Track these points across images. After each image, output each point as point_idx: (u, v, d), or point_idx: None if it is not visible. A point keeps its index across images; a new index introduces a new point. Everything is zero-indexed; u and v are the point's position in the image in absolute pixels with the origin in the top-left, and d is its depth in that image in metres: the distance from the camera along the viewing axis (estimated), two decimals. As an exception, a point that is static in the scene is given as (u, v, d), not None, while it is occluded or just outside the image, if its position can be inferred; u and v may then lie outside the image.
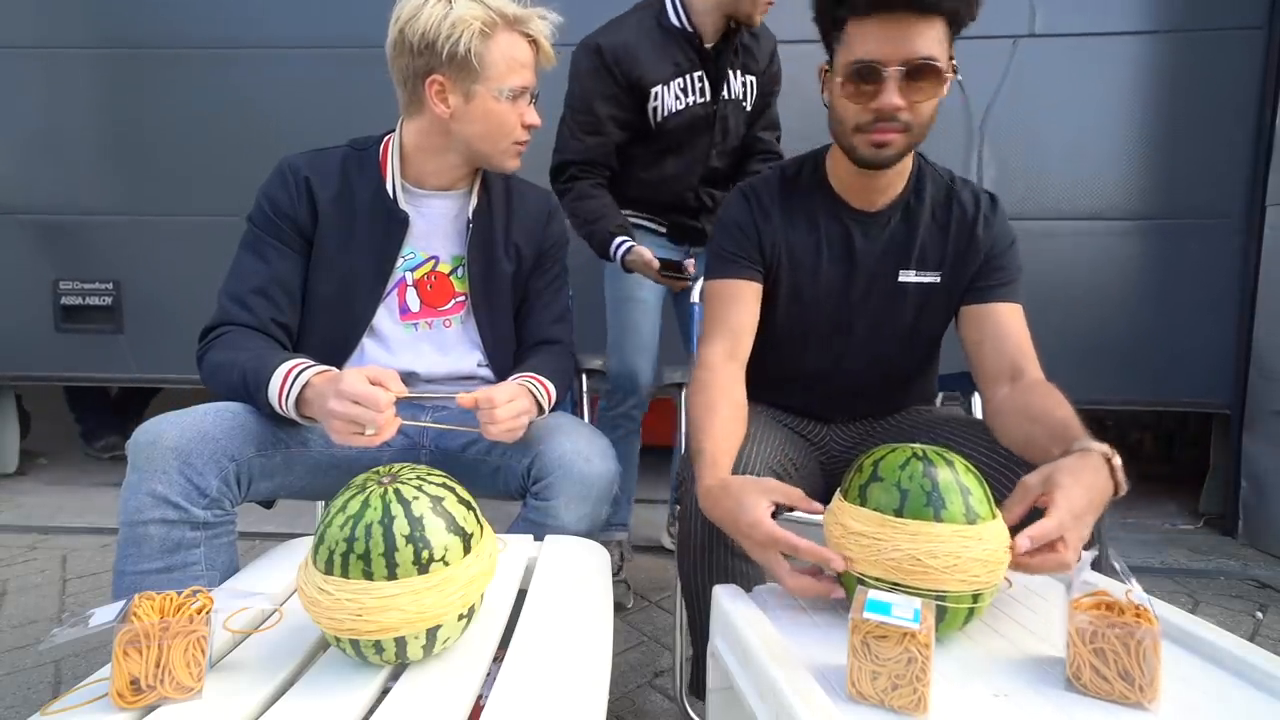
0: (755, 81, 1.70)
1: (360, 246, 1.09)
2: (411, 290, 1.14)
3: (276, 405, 0.95)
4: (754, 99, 1.72)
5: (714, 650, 0.80)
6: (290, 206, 1.07)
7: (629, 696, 1.38)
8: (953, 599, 0.67)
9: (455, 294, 1.16)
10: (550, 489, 1.00)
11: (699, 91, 1.63)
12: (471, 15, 1.00)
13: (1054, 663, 0.66)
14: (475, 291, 1.15)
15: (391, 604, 0.60)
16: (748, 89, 1.70)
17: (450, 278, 1.16)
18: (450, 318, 1.16)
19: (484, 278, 1.15)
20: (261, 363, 0.96)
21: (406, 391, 0.92)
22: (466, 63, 1.02)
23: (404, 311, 1.13)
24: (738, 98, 1.69)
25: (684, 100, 1.62)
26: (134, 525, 0.86)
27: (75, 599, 1.77)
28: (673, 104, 1.61)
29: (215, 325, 1.05)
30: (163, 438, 0.89)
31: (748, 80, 1.69)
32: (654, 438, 2.36)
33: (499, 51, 1.04)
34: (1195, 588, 1.95)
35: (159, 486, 0.86)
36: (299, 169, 1.09)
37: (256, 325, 1.04)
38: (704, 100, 1.64)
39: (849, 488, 0.75)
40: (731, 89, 1.67)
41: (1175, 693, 0.61)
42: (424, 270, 1.14)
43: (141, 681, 0.57)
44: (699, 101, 1.63)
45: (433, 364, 1.14)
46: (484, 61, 1.03)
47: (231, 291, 1.06)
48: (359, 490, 0.64)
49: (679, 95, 1.62)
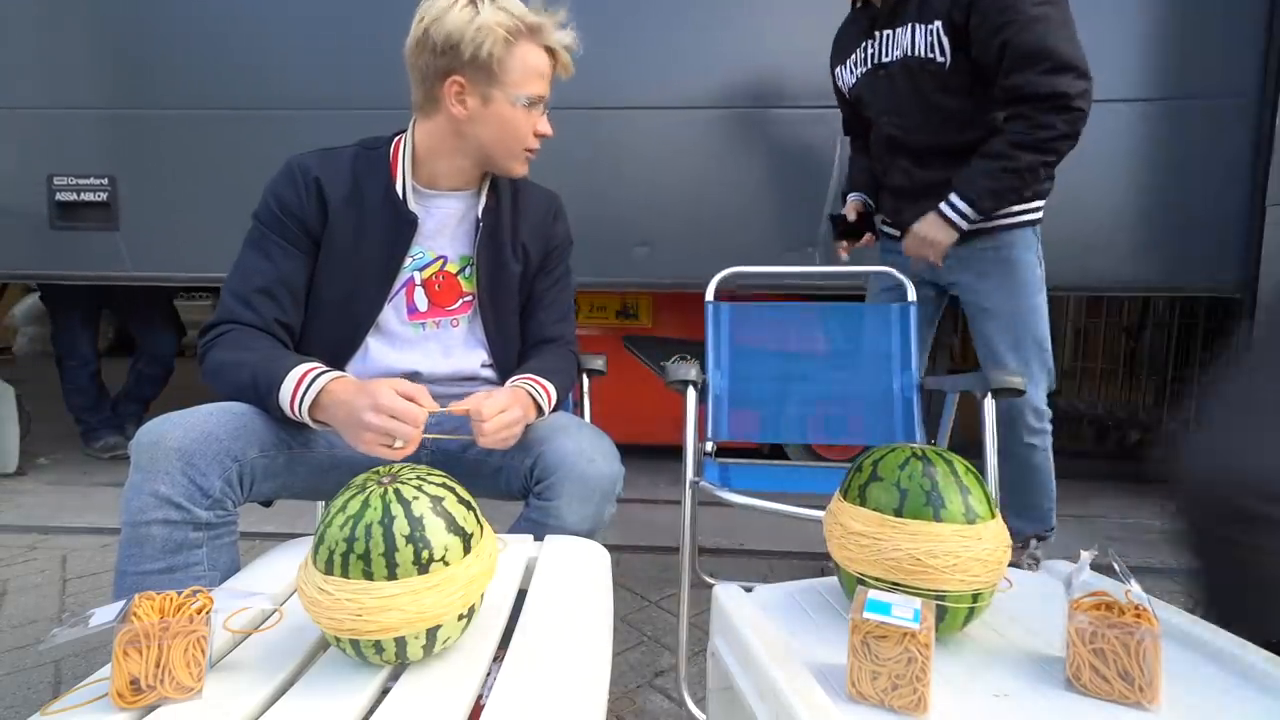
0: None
1: (369, 246, 1.09)
2: (420, 290, 1.14)
3: (288, 409, 0.95)
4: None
5: (714, 650, 0.80)
6: (299, 206, 1.07)
7: (629, 696, 1.38)
8: (953, 599, 0.67)
9: (463, 293, 1.16)
10: (552, 489, 1.00)
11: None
12: (497, 22, 1.02)
13: (1054, 663, 0.66)
14: (483, 291, 1.16)
15: (391, 604, 0.60)
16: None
17: (458, 277, 1.16)
18: (458, 317, 1.16)
19: (492, 278, 1.16)
20: (272, 365, 0.97)
21: (438, 407, 0.94)
22: (488, 67, 1.04)
23: (412, 311, 1.14)
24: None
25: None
26: (136, 525, 0.86)
27: (75, 599, 1.77)
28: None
29: (218, 323, 1.05)
30: (166, 438, 0.89)
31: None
32: (655, 437, 2.36)
33: (520, 59, 1.05)
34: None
35: (162, 487, 0.86)
36: (309, 169, 1.08)
37: (260, 325, 1.04)
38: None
39: (848, 488, 0.75)
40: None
41: (1175, 693, 0.61)
42: (432, 270, 1.14)
43: (141, 681, 0.57)
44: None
45: (437, 364, 1.15)
46: (505, 67, 1.05)
47: (235, 290, 1.06)
48: (359, 490, 0.65)
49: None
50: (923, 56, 1.48)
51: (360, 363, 1.11)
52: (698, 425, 1.43)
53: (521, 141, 1.11)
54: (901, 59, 1.52)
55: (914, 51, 1.49)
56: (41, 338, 5.39)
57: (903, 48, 1.51)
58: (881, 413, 1.64)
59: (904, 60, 1.51)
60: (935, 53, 1.46)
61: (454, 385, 1.16)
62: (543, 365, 1.14)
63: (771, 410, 1.69)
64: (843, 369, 1.69)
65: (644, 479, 1.94)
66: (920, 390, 1.62)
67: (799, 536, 2.14)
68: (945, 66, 1.46)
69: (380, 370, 1.11)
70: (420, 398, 0.91)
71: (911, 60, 1.50)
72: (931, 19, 1.45)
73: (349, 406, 0.91)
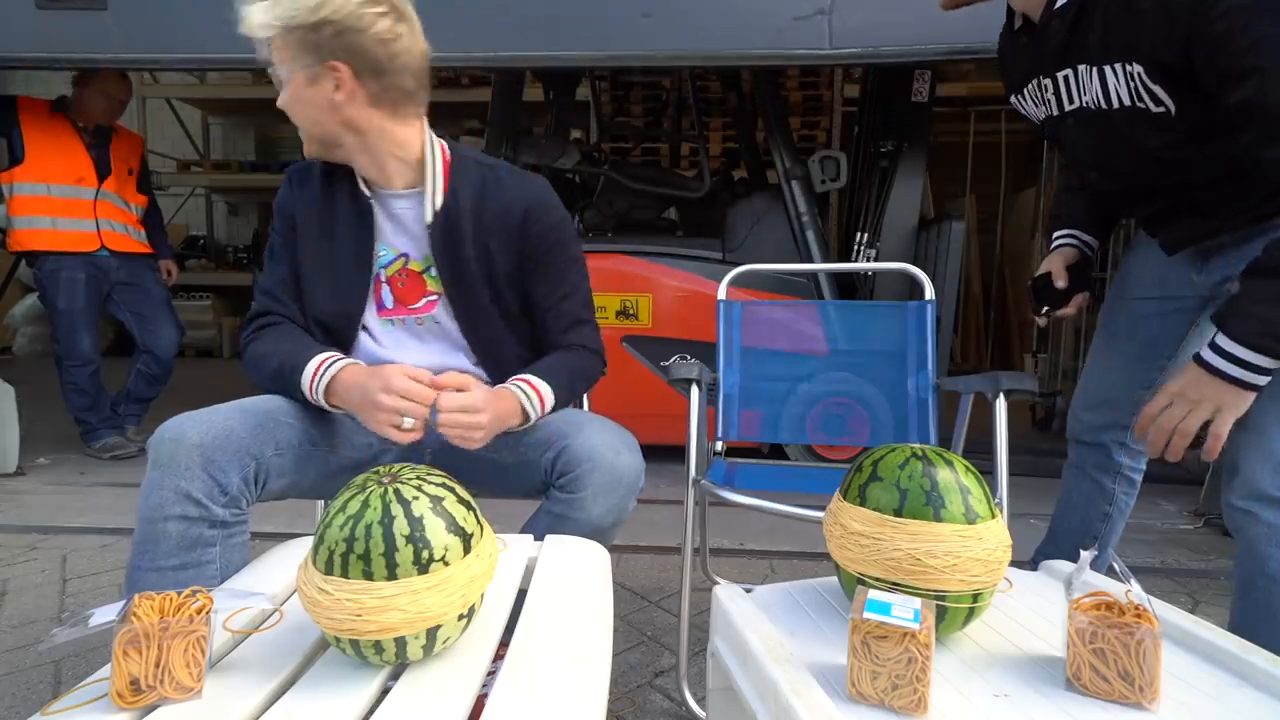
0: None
1: (342, 243, 1.12)
2: (385, 287, 1.15)
3: (308, 393, 1.03)
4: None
5: (714, 650, 0.80)
6: (289, 208, 1.14)
7: (629, 696, 1.38)
8: (953, 599, 0.67)
9: (428, 292, 1.15)
10: (578, 481, 1.00)
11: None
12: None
13: (1054, 663, 0.66)
14: (448, 290, 1.14)
15: (391, 604, 0.60)
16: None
17: (424, 275, 1.15)
18: (422, 316, 1.15)
19: (455, 281, 1.13)
20: (296, 355, 1.05)
21: (446, 389, 0.99)
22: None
23: (380, 308, 1.15)
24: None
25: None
26: (154, 522, 0.88)
27: (75, 599, 1.77)
28: None
29: (253, 317, 1.14)
30: (187, 435, 0.91)
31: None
32: (656, 437, 2.36)
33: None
34: (1195, 588, 1.94)
35: (183, 483, 0.88)
36: (294, 171, 1.15)
37: (289, 316, 1.13)
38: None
39: (848, 488, 0.75)
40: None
41: (1175, 693, 0.61)
42: (395, 267, 1.14)
43: (141, 681, 0.57)
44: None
45: (416, 359, 1.14)
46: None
47: (263, 286, 1.15)
48: (359, 490, 0.65)
49: None
50: (1130, 107, 1.04)
51: (355, 355, 1.14)
52: (706, 424, 1.42)
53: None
54: (1096, 111, 1.08)
55: (1110, 102, 1.05)
56: (41, 338, 5.38)
57: (1093, 95, 1.07)
58: (895, 413, 1.62)
59: (1099, 112, 1.08)
60: (1147, 101, 1.01)
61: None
62: (546, 364, 1.13)
63: (782, 410, 1.68)
64: (856, 368, 1.67)
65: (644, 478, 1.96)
66: (936, 391, 1.59)
67: (800, 536, 2.14)
68: (1170, 113, 1.01)
69: (369, 360, 1.13)
70: (427, 381, 0.97)
71: (1115, 113, 1.06)
72: (1126, 58, 1.00)
73: (362, 389, 0.98)
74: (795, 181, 2.80)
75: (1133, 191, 1.21)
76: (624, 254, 2.87)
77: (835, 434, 1.72)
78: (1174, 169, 1.09)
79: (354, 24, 0.97)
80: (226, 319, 6.39)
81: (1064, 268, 1.34)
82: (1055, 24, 1.07)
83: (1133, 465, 1.39)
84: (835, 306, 1.71)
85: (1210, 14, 0.89)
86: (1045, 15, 1.08)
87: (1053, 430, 3.32)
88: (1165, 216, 1.20)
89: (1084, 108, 1.11)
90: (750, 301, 1.73)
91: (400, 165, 1.09)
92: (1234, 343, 0.91)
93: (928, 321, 1.61)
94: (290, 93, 1.03)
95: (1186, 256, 1.21)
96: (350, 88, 1.00)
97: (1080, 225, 1.37)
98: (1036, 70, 1.16)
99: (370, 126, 1.04)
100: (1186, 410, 0.96)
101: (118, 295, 2.93)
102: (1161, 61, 0.97)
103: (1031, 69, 1.17)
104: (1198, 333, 1.26)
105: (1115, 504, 1.40)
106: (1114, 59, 1.02)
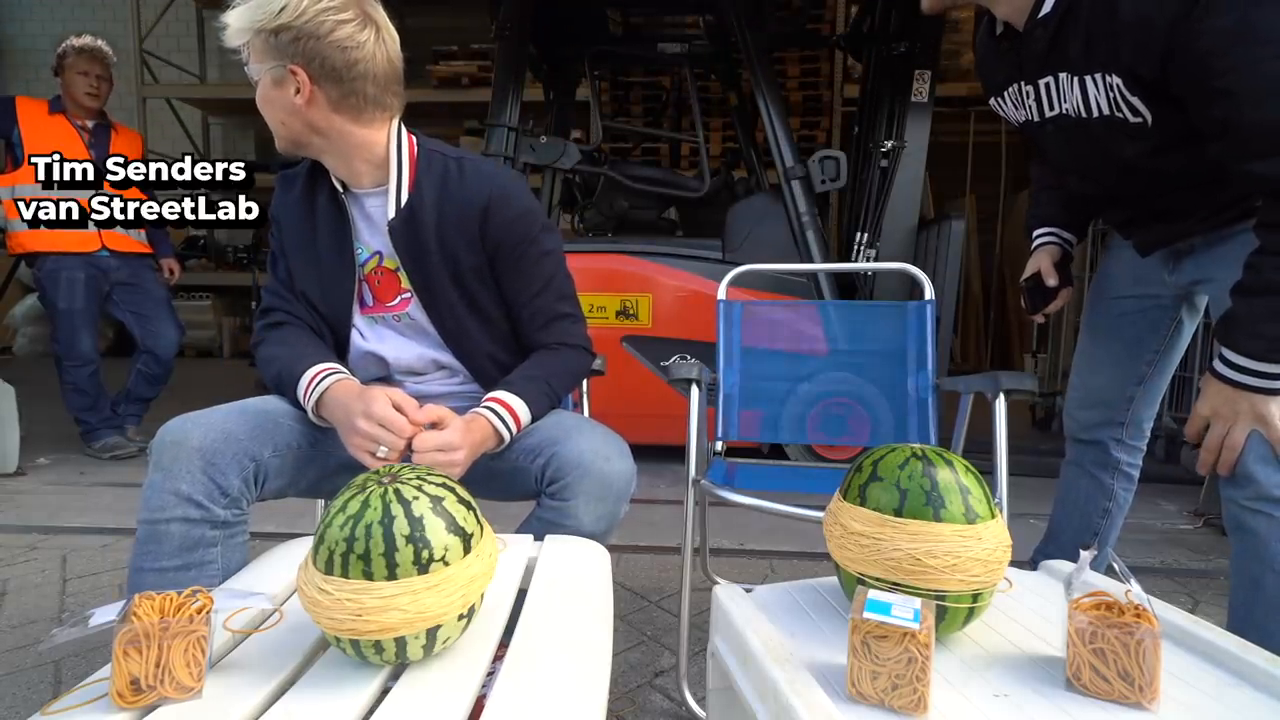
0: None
1: (326, 244, 1.13)
2: (364, 285, 1.16)
3: (304, 405, 1.05)
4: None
5: (714, 650, 0.80)
6: (277, 212, 1.18)
7: (629, 696, 1.38)
8: (953, 599, 0.67)
9: (401, 290, 1.15)
10: (568, 489, 1.00)
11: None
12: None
13: (1054, 663, 0.66)
14: (417, 289, 1.13)
15: (391, 604, 0.60)
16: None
17: (397, 274, 1.15)
18: (399, 313, 1.16)
19: (422, 278, 1.12)
20: (294, 364, 1.07)
21: (423, 427, 0.98)
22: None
23: (363, 305, 1.17)
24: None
25: None
26: (155, 523, 0.89)
27: (75, 599, 1.77)
28: None
29: (264, 311, 1.18)
30: (188, 438, 0.92)
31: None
32: (655, 437, 2.36)
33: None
34: (1195, 588, 1.95)
35: (184, 485, 0.89)
36: (281, 175, 1.18)
37: (293, 312, 1.15)
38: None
39: (848, 488, 0.75)
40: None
41: (1175, 693, 0.61)
42: (371, 265, 1.16)
43: (141, 681, 0.57)
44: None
45: (400, 353, 1.17)
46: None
47: (269, 285, 1.19)
48: (359, 490, 0.65)
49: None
50: (1109, 116, 1.05)
51: (349, 350, 1.17)
52: (706, 424, 1.42)
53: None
54: (1076, 119, 1.09)
55: (1090, 111, 1.06)
56: (41, 338, 5.38)
57: (1073, 104, 1.08)
58: (895, 413, 1.62)
59: (1079, 120, 1.09)
60: (1125, 112, 1.03)
61: (420, 376, 1.19)
62: (521, 374, 1.12)
63: (782, 410, 1.68)
64: (856, 368, 1.67)
65: (644, 479, 1.94)
66: (936, 391, 1.59)
67: (800, 536, 2.14)
68: (1147, 124, 1.02)
69: (359, 354, 1.16)
70: (411, 413, 0.98)
71: (1094, 122, 1.07)
72: (1106, 69, 1.01)
73: (346, 410, 0.99)
74: (795, 181, 2.80)
75: (1108, 195, 1.25)
76: (624, 254, 2.87)
77: (835, 434, 1.71)
78: (1148, 176, 1.12)
79: (312, 30, 0.97)
80: (226, 319, 6.39)
81: (1052, 265, 1.38)
82: (1038, 32, 1.07)
83: (1130, 461, 1.42)
84: (835, 306, 1.70)
85: (1193, 30, 0.90)
86: (1029, 24, 1.08)
87: (1053, 430, 3.32)
88: (1138, 220, 1.24)
89: (1064, 115, 1.12)
90: (750, 301, 1.73)
91: (367, 165, 1.09)
92: (1249, 359, 0.95)
93: (927, 321, 1.61)
94: (259, 93, 1.05)
95: (1159, 258, 1.25)
96: (309, 91, 1.00)
97: (1060, 223, 1.41)
98: (1018, 76, 1.16)
99: (332, 129, 1.04)
100: (1227, 427, 1.00)
101: (118, 295, 2.93)
102: (1140, 75, 0.98)
103: (1012, 74, 1.18)
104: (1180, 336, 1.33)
105: (1115, 500, 1.42)
106: (1095, 70, 1.03)
